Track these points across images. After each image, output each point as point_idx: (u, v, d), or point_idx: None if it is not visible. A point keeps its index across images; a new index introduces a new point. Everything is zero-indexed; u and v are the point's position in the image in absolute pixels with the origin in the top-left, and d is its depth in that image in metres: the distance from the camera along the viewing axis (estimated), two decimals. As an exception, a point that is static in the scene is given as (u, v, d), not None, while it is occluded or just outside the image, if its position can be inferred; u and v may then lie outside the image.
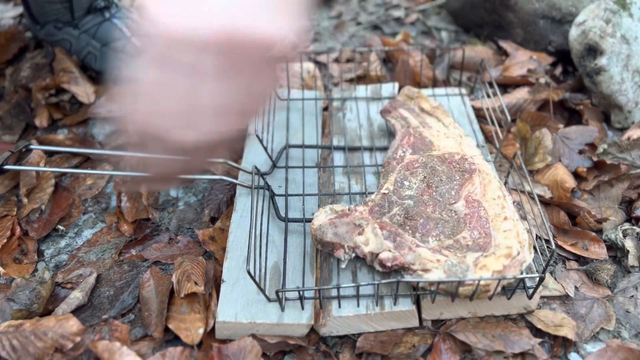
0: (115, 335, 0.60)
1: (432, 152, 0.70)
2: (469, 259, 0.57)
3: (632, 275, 0.68)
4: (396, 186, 0.66)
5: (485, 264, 0.56)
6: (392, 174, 0.68)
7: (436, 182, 0.66)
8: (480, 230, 0.60)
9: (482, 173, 0.66)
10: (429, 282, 0.56)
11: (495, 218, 0.61)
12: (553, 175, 0.79)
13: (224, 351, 0.56)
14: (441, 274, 0.56)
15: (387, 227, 0.61)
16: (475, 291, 0.56)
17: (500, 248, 0.57)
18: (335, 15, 1.21)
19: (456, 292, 0.56)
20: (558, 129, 0.86)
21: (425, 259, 0.58)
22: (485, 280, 0.55)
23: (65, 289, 0.66)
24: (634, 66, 0.88)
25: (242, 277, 0.61)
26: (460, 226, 0.61)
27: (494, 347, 0.58)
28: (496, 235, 0.59)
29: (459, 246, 0.59)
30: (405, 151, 0.71)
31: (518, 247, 0.57)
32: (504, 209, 0.61)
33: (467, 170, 0.67)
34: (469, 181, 0.65)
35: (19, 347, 0.57)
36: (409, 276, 0.58)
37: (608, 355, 0.58)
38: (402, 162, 0.70)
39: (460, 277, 0.55)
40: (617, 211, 0.75)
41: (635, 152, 0.78)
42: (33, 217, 0.74)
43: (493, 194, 0.63)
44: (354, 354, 0.59)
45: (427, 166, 0.68)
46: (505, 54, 1.04)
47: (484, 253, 0.57)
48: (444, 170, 0.67)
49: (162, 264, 0.69)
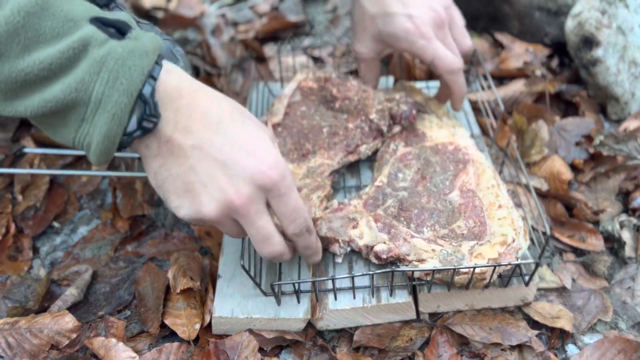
0: (111, 332, 0.59)
1: (425, 144, 0.70)
2: (464, 248, 0.57)
3: (629, 267, 0.68)
4: (390, 178, 0.66)
5: (480, 252, 0.56)
6: (386, 166, 0.68)
7: (430, 173, 0.66)
8: (475, 219, 0.60)
9: (475, 163, 0.66)
10: (424, 271, 0.56)
11: (489, 207, 0.61)
12: (550, 167, 0.79)
13: (220, 346, 0.56)
14: (436, 264, 0.56)
15: (382, 220, 0.61)
16: (471, 279, 0.56)
17: (495, 236, 0.57)
18: (331, 9, 1.20)
19: (452, 281, 0.56)
20: (554, 121, 0.86)
21: (420, 249, 0.57)
22: (480, 267, 0.55)
23: (61, 285, 0.65)
24: (630, 57, 0.87)
25: (238, 272, 0.61)
26: (455, 216, 0.61)
27: (491, 340, 0.58)
28: (491, 223, 0.59)
29: (454, 235, 0.59)
30: (397, 144, 0.71)
31: (513, 234, 0.57)
32: (497, 197, 0.61)
33: (460, 161, 0.67)
34: (463, 171, 0.65)
35: (15, 344, 0.57)
36: (403, 266, 0.58)
37: (605, 347, 0.58)
38: (395, 154, 0.69)
39: (455, 265, 0.55)
40: (614, 203, 0.75)
41: (631, 143, 0.78)
42: (28, 214, 0.73)
43: (487, 183, 0.63)
44: (351, 348, 0.59)
45: (420, 158, 0.68)
46: (501, 46, 1.04)
47: (479, 241, 0.58)
48: (437, 161, 0.67)
49: (158, 260, 0.69)
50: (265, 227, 0.49)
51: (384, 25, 0.69)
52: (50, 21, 0.41)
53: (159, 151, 0.46)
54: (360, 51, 0.75)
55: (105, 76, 0.42)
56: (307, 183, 0.64)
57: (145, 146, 0.46)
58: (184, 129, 0.46)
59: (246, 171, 0.47)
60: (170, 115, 0.46)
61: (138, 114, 0.44)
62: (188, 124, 0.46)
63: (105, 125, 0.43)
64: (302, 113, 0.73)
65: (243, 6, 1.19)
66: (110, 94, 0.42)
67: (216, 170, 0.46)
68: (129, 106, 0.43)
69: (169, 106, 0.45)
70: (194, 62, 1.00)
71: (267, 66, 1.00)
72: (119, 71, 0.42)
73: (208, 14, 1.15)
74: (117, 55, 0.42)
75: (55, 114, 0.43)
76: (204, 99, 0.48)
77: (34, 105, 0.42)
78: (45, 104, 0.42)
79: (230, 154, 0.47)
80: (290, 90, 0.76)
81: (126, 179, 0.77)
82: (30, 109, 0.42)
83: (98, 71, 0.42)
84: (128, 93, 0.42)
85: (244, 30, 1.10)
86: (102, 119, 0.43)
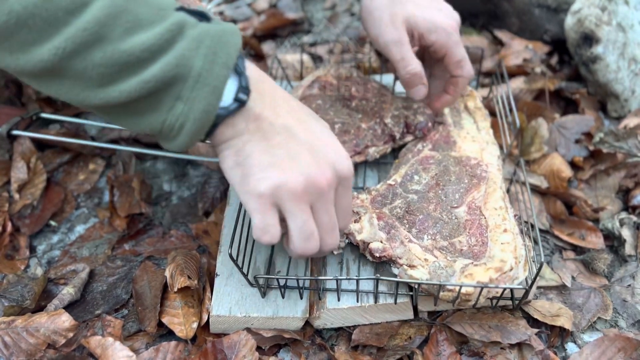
0: (108, 331, 0.59)
1: (451, 153, 0.69)
2: (457, 265, 0.56)
3: (629, 264, 0.68)
4: (405, 179, 0.65)
5: (471, 273, 0.54)
6: (405, 166, 0.67)
7: (445, 181, 0.64)
8: (478, 238, 0.58)
9: (489, 181, 0.64)
10: (412, 281, 0.55)
11: (494, 229, 0.59)
12: (549, 165, 0.78)
13: (218, 345, 0.56)
14: (425, 274, 0.55)
15: (385, 218, 0.61)
16: (457, 298, 0.54)
17: (493, 260, 0.56)
18: (330, 6, 1.20)
19: (437, 295, 0.55)
20: (554, 118, 0.85)
21: (413, 255, 0.57)
22: (466, 287, 0.53)
23: (58, 284, 0.65)
24: (630, 54, 0.87)
25: (235, 271, 0.60)
26: (459, 230, 0.59)
27: (491, 338, 0.58)
28: (493, 246, 0.57)
29: (452, 249, 0.58)
30: (424, 146, 0.70)
31: (513, 262, 0.55)
32: (504, 220, 0.59)
33: (477, 176, 0.65)
34: (475, 188, 0.63)
35: (11, 343, 0.57)
36: (395, 269, 0.58)
37: (605, 345, 0.58)
38: (418, 155, 0.69)
39: (442, 281, 0.54)
40: (614, 200, 0.75)
41: (631, 140, 0.78)
42: (25, 212, 0.73)
43: (495, 204, 0.61)
44: (350, 347, 0.58)
45: (441, 164, 0.67)
46: (500, 43, 1.03)
47: (475, 262, 0.56)
48: (455, 172, 0.66)
49: (156, 258, 0.68)
50: (334, 216, 0.51)
51: (421, 11, 0.67)
52: (145, 8, 0.43)
53: (246, 128, 0.47)
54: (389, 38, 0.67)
55: (204, 51, 0.43)
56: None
57: (231, 126, 0.47)
58: (272, 108, 0.48)
59: (329, 157, 0.49)
60: (257, 96, 0.47)
61: (234, 87, 0.45)
62: (274, 106, 0.48)
63: (204, 100, 0.44)
64: (317, 106, 0.72)
65: (241, 3, 1.19)
66: (210, 68, 0.43)
67: (304, 150, 0.48)
68: (227, 79, 0.44)
69: (255, 87, 0.47)
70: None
71: (265, 64, 0.99)
72: (217, 46, 0.44)
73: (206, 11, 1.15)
74: (213, 33, 0.44)
75: (150, 96, 0.43)
76: (280, 89, 0.51)
77: (130, 89, 0.42)
78: (144, 85, 0.42)
79: (314, 140, 0.49)
80: (308, 82, 0.76)
81: (124, 177, 0.76)
82: (127, 93, 0.43)
83: (197, 47, 0.43)
84: (227, 66, 0.44)
85: (242, 27, 1.10)
86: (202, 94, 0.43)
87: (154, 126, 0.45)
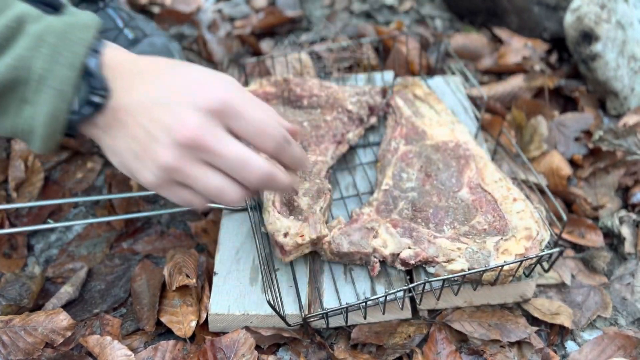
0: (106, 330, 0.59)
1: (426, 142, 0.69)
2: (488, 244, 0.56)
3: (628, 262, 0.68)
4: (395, 180, 0.65)
5: (507, 248, 0.56)
6: (389, 167, 0.67)
7: (434, 171, 0.65)
8: (493, 214, 0.59)
9: (476, 157, 0.66)
10: (455, 276, 0.54)
11: (504, 200, 0.60)
12: (549, 163, 0.78)
13: (217, 344, 0.55)
14: (464, 262, 0.55)
15: (400, 224, 0.60)
16: (499, 276, 0.55)
17: (518, 230, 0.57)
18: (328, 4, 1.20)
19: (480, 280, 0.56)
20: (553, 116, 0.85)
21: (446, 249, 0.57)
22: (509, 264, 0.54)
23: (56, 283, 0.65)
24: (629, 52, 0.87)
25: (234, 269, 0.60)
26: (472, 212, 0.60)
27: (490, 336, 0.58)
28: (510, 217, 0.59)
29: (476, 232, 0.58)
30: (398, 142, 0.70)
31: (536, 226, 0.57)
32: (510, 190, 0.61)
33: (462, 157, 0.66)
34: (466, 167, 0.65)
35: (9, 342, 0.56)
36: (431, 269, 0.57)
37: (605, 343, 0.58)
38: (397, 153, 0.69)
39: (483, 263, 0.55)
40: (613, 198, 0.75)
41: (631, 138, 0.78)
42: (23, 211, 0.73)
43: (492, 177, 0.63)
44: (349, 345, 0.58)
45: (421, 156, 0.67)
46: (499, 41, 1.03)
47: (503, 237, 0.57)
48: (439, 159, 0.67)
49: (154, 257, 0.68)
50: (234, 151, 0.43)
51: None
52: None
53: (111, 124, 0.43)
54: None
55: (45, 50, 0.40)
56: (307, 188, 0.63)
57: (97, 126, 0.43)
58: (127, 89, 0.43)
59: (187, 101, 0.42)
60: (118, 88, 0.43)
61: (85, 89, 0.41)
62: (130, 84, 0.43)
63: (49, 104, 0.40)
64: None
65: (239, 1, 1.18)
66: (52, 69, 0.40)
67: (159, 114, 0.42)
68: (74, 80, 0.40)
69: (118, 80, 0.43)
70: (190, 57, 0.99)
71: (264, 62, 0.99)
72: (60, 45, 0.40)
73: (204, 9, 1.14)
74: (57, 29, 0.40)
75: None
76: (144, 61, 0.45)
77: None
78: None
79: (171, 94, 0.43)
80: None
81: (122, 175, 0.76)
82: None
83: (37, 46, 0.39)
84: (72, 66, 0.40)
85: (240, 25, 1.10)
86: (46, 97, 0.40)
87: (7, 130, 0.42)
